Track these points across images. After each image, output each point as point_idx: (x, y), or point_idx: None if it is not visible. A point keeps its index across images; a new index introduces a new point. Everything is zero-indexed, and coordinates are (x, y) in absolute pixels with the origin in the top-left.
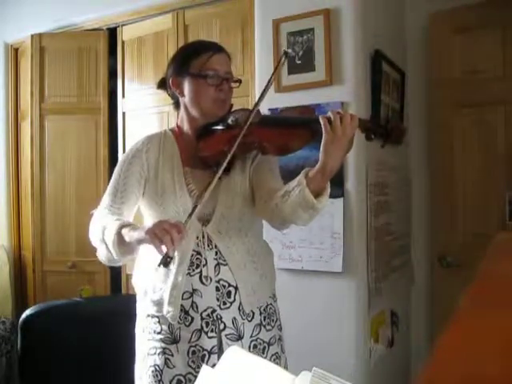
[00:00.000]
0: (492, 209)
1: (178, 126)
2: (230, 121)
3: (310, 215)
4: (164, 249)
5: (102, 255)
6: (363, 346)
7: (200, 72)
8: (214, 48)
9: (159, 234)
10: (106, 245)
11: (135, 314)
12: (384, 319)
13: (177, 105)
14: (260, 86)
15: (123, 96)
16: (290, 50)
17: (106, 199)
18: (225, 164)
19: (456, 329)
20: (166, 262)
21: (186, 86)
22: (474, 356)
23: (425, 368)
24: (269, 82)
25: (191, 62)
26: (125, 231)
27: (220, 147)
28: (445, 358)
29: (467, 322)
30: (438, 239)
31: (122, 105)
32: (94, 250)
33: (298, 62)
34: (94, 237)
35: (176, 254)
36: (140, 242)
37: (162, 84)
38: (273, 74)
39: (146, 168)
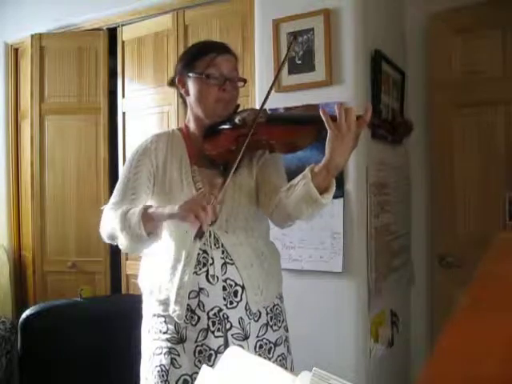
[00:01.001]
0: (492, 209)
1: (185, 125)
2: (237, 120)
3: (313, 210)
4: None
5: (122, 243)
6: (363, 346)
7: (203, 72)
8: (220, 49)
9: (194, 209)
10: (130, 227)
11: (135, 314)
12: (384, 319)
13: (185, 103)
14: (260, 86)
15: (123, 96)
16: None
17: (116, 196)
18: (236, 163)
19: (456, 329)
20: (201, 235)
21: (191, 86)
22: (474, 356)
23: (425, 368)
24: (280, 67)
25: (196, 62)
26: (151, 209)
27: (228, 146)
28: (444, 359)
29: (467, 323)
30: (438, 239)
31: (122, 105)
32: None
33: (298, 62)
34: (110, 228)
35: (183, 253)
36: (171, 216)
37: (173, 82)
38: (284, 58)
39: (154, 165)
